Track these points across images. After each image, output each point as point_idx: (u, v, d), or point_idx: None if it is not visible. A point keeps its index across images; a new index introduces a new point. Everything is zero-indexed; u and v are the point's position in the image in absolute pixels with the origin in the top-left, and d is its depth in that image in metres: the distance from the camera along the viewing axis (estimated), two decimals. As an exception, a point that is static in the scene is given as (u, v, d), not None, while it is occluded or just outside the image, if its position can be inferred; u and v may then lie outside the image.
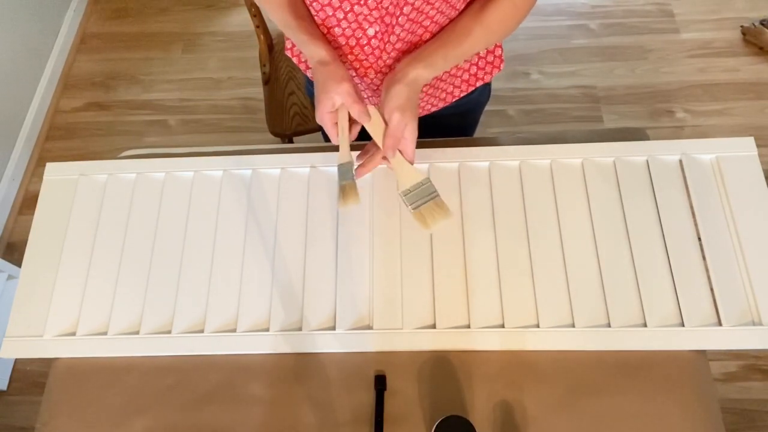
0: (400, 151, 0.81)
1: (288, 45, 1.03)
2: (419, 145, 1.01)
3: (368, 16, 0.81)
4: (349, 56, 0.89)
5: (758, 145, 0.95)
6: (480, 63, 0.98)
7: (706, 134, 1.95)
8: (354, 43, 0.86)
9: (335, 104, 0.80)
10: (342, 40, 0.86)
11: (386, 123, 0.80)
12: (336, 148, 0.83)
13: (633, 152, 0.97)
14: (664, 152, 0.96)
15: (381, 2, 0.78)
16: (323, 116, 0.81)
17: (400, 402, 0.83)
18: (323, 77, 0.80)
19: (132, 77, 2.25)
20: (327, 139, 0.88)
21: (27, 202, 2.02)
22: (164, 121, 2.15)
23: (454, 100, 1.03)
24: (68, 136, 2.15)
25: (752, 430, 1.52)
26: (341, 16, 0.82)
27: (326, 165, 0.99)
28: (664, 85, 2.06)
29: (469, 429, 0.70)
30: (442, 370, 0.84)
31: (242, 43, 2.29)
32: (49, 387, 0.89)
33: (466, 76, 0.99)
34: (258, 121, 2.11)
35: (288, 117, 1.55)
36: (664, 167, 0.95)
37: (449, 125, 1.11)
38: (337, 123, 0.82)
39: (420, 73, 0.79)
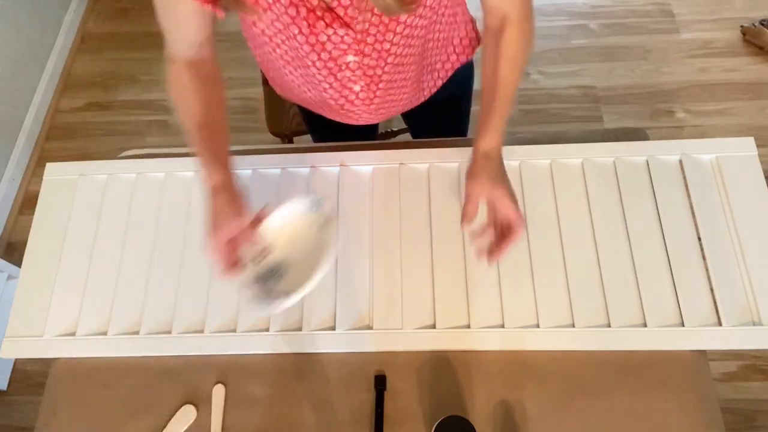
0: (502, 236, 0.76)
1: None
2: (420, 145, 1.02)
3: (352, 77, 0.83)
4: (340, 111, 0.92)
5: (758, 145, 0.95)
6: (457, 49, 0.98)
7: (706, 134, 1.95)
8: (343, 101, 0.89)
9: (230, 234, 0.75)
10: (331, 102, 0.89)
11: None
12: (330, 149, 0.83)
13: (633, 152, 0.97)
14: (664, 152, 0.96)
15: (362, 62, 0.80)
16: (219, 244, 0.74)
17: (400, 402, 0.83)
18: (222, 205, 0.76)
19: (132, 77, 2.25)
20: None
21: (27, 202, 2.02)
22: (164, 121, 2.15)
23: (441, 83, 1.02)
24: (68, 136, 2.15)
25: (752, 430, 1.52)
26: (327, 86, 0.84)
27: (326, 165, 0.99)
28: (664, 85, 2.05)
29: (468, 429, 0.70)
30: (442, 370, 0.84)
31: (242, 43, 2.27)
32: (49, 387, 0.89)
33: (447, 65, 0.99)
34: (258, 121, 2.11)
35: (288, 117, 1.55)
36: (664, 167, 0.95)
37: (443, 113, 1.11)
38: (228, 249, 0.75)
39: (485, 143, 0.78)
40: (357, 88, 0.86)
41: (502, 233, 0.77)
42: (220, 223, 0.75)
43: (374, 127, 1.25)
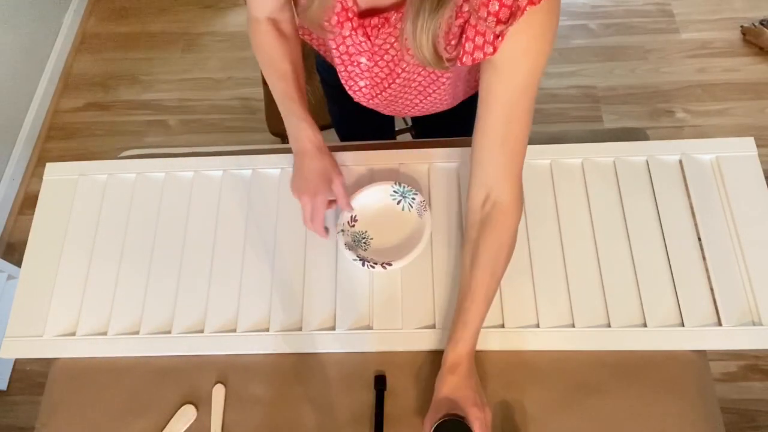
0: None
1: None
2: (420, 145, 1.02)
3: (361, 75, 0.85)
4: (347, 92, 0.92)
5: (758, 145, 0.95)
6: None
7: (706, 134, 1.95)
8: (351, 84, 0.89)
9: (328, 196, 0.86)
10: (341, 81, 0.89)
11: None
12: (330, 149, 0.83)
13: (633, 152, 0.97)
14: (664, 152, 0.96)
15: (372, 68, 0.81)
16: (319, 200, 0.85)
17: (400, 402, 0.83)
18: (322, 165, 0.86)
19: (132, 77, 2.25)
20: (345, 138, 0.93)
21: (27, 202, 2.02)
22: (164, 121, 2.15)
23: (456, 103, 1.02)
24: (68, 136, 2.15)
25: (752, 430, 1.52)
26: (339, 61, 0.84)
27: (326, 165, 0.99)
28: (664, 85, 2.05)
29: (466, 431, 0.70)
30: (442, 370, 0.84)
31: (242, 43, 2.29)
32: (49, 387, 0.89)
33: (467, 88, 0.98)
34: (258, 121, 2.11)
35: (288, 117, 1.55)
36: (664, 167, 0.95)
37: (453, 127, 1.10)
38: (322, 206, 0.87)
39: (455, 355, 0.75)
40: (362, 84, 0.87)
41: None
42: (318, 188, 0.85)
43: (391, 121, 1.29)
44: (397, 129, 1.59)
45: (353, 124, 1.24)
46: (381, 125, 1.24)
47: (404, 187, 0.92)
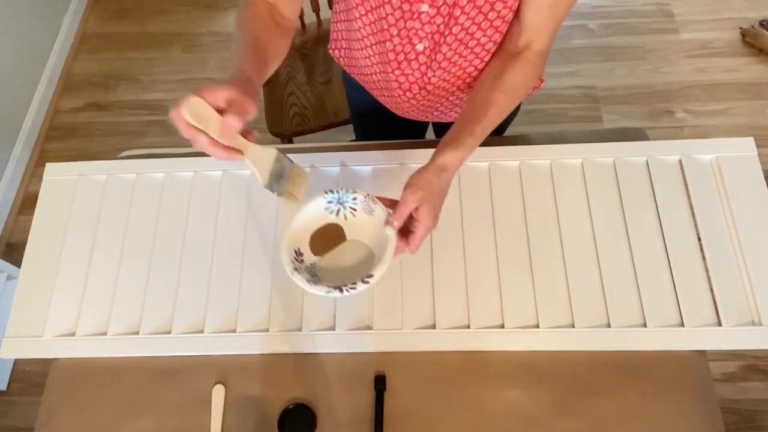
0: (412, 233, 0.73)
1: (331, 46, 1.02)
2: (420, 146, 1.02)
3: (419, 31, 0.82)
4: (395, 71, 0.89)
5: (758, 145, 0.95)
6: None
7: (706, 134, 1.95)
8: (402, 59, 0.87)
9: (226, 91, 0.64)
10: (392, 56, 0.87)
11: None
12: (330, 150, 0.82)
13: (633, 152, 0.97)
14: (664, 152, 0.96)
15: (433, 18, 0.79)
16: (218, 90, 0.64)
17: (400, 402, 0.83)
18: (237, 77, 0.69)
19: (132, 77, 2.25)
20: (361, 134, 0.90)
21: (27, 203, 2.02)
22: (164, 121, 2.14)
23: None
24: (68, 136, 2.15)
25: (752, 430, 1.52)
26: (395, 32, 0.82)
27: (326, 165, 0.99)
28: (663, 85, 2.05)
29: (310, 415, 0.77)
30: (442, 370, 0.84)
31: (242, 43, 2.29)
32: (48, 387, 0.89)
33: None
34: (258, 121, 2.10)
35: (288, 117, 1.55)
36: (664, 167, 0.95)
37: None
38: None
39: (448, 158, 0.74)
40: (420, 47, 0.84)
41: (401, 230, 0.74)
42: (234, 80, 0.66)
43: (421, 128, 1.23)
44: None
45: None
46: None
47: (338, 192, 0.78)
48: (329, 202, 0.78)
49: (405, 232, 0.74)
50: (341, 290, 0.70)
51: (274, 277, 0.91)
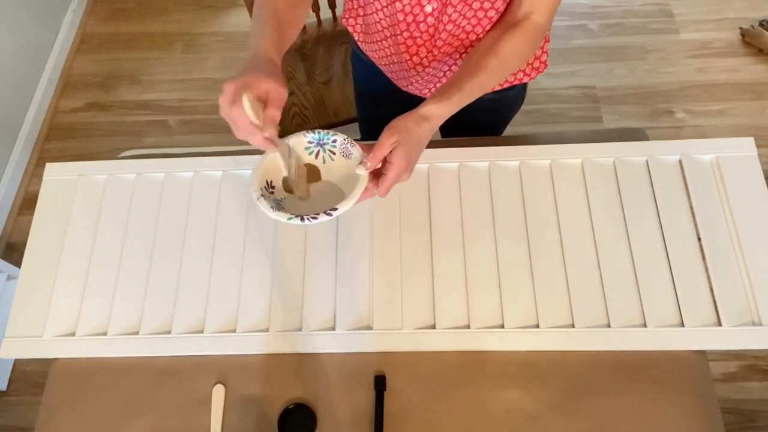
0: (383, 174, 0.73)
1: (345, 15, 1.01)
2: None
3: None
4: (404, 33, 0.90)
5: (758, 145, 0.95)
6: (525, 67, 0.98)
7: (705, 134, 1.95)
8: (411, 20, 0.87)
9: (266, 83, 0.68)
10: (400, 16, 0.87)
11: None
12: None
13: (633, 152, 0.97)
14: (664, 152, 0.96)
15: None
16: (238, 89, 0.66)
17: (400, 402, 0.83)
18: (266, 66, 0.71)
19: (132, 77, 2.25)
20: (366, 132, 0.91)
21: (27, 203, 2.02)
22: (164, 121, 2.14)
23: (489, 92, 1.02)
24: (68, 136, 2.15)
25: (752, 430, 1.52)
26: None
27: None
28: (663, 85, 2.05)
29: (310, 415, 0.78)
30: (442, 370, 0.84)
31: (242, 43, 2.29)
32: (48, 387, 0.89)
33: (509, 76, 0.98)
34: (258, 121, 2.10)
35: (287, 117, 1.55)
36: (664, 167, 0.95)
37: (482, 121, 1.10)
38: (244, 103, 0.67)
39: (432, 108, 0.75)
40: (429, 8, 0.85)
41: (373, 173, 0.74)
42: (250, 77, 0.68)
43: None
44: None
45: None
46: None
47: (319, 133, 0.77)
48: (309, 142, 0.78)
49: (378, 175, 0.74)
50: (302, 219, 0.69)
51: (274, 277, 0.91)
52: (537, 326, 0.85)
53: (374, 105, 1.23)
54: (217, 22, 2.35)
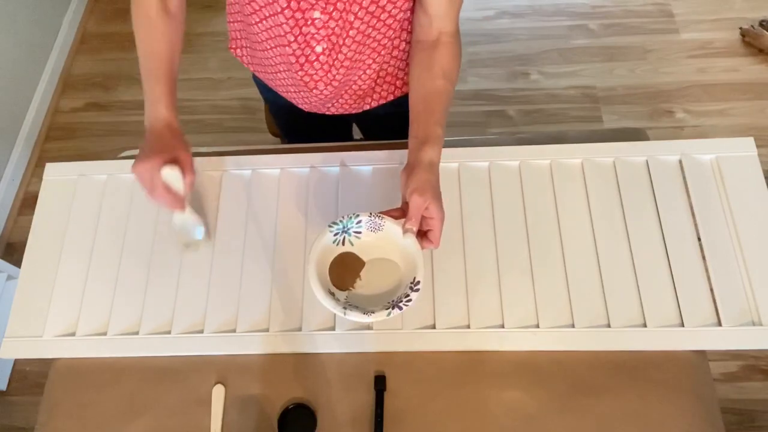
0: (425, 234, 0.76)
1: (232, 45, 1.03)
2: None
3: (315, 35, 0.84)
4: (299, 72, 0.91)
5: (758, 145, 0.95)
6: None
7: (705, 134, 1.95)
8: (303, 60, 0.88)
9: (170, 166, 0.77)
10: (292, 59, 0.88)
11: (408, 205, 0.76)
12: (330, 149, 0.82)
13: (633, 152, 0.97)
14: (664, 152, 0.96)
15: (327, 23, 0.81)
16: (155, 164, 0.76)
17: (400, 402, 0.83)
18: (169, 142, 0.79)
19: (132, 77, 2.25)
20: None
21: (26, 203, 2.02)
22: (164, 121, 2.14)
23: (393, 98, 1.03)
24: (68, 136, 2.15)
25: (752, 430, 1.52)
26: (292, 38, 0.84)
27: (326, 165, 0.99)
28: (663, 85, 2.05)
29: (309, 415, 0.79)
30: (442, 370, 0.84)
31: (242, 43, 2.29)
32: (48, 387, 0.89)
33: (406, 83, 1.00)
34: (258, 121, 2.11)
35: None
36: (663, 167, 0.95)
37: (392, 124, 1.09)
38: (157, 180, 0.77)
39: (432, 154, 0.78)
40: (319, 49, 0.86)
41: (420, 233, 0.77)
42: (154, 157, 0.76)
43: (346, 128, 1.29)
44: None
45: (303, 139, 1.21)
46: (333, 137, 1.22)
47: (341, 222, 0.77)
48: (335, 234, 0.78)
49: (417, 232, 0.77)
50: (399, 307, 0.73)
51: (274, 277, 0.91)
52: (537, 326, 0.85)
53: (287, 119, 1.25)
54: (217, 22, 2.35)
